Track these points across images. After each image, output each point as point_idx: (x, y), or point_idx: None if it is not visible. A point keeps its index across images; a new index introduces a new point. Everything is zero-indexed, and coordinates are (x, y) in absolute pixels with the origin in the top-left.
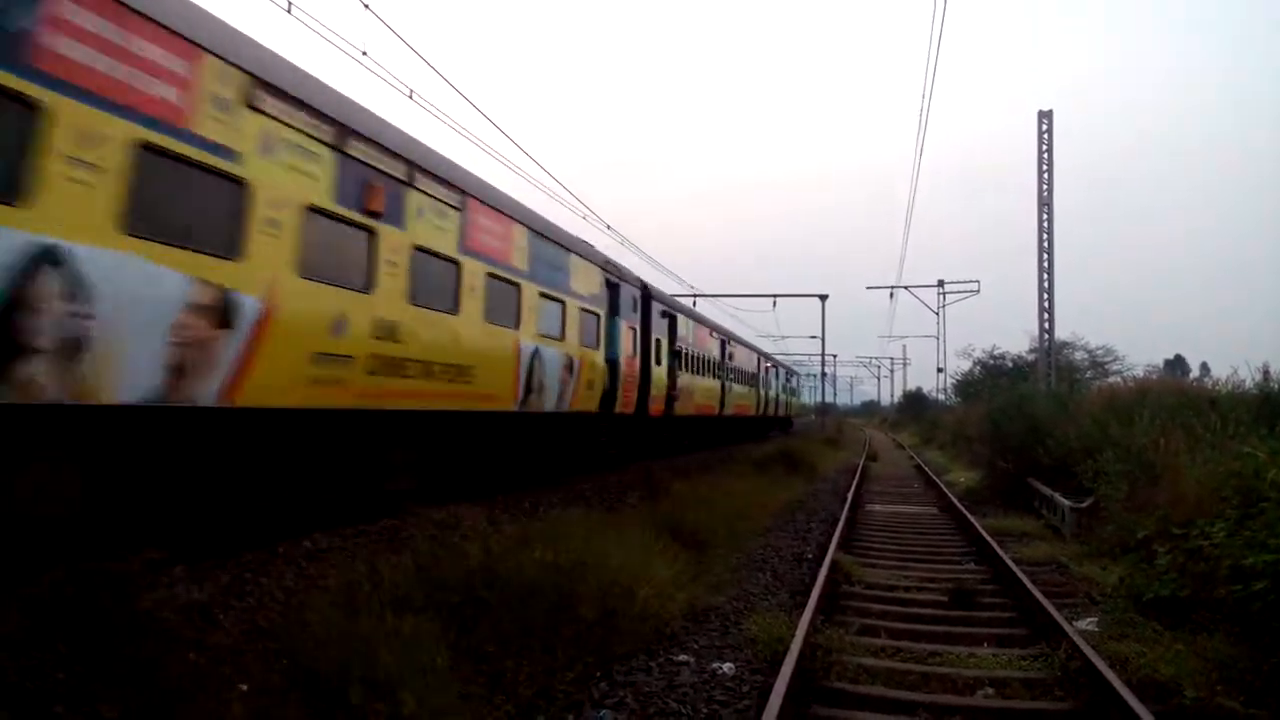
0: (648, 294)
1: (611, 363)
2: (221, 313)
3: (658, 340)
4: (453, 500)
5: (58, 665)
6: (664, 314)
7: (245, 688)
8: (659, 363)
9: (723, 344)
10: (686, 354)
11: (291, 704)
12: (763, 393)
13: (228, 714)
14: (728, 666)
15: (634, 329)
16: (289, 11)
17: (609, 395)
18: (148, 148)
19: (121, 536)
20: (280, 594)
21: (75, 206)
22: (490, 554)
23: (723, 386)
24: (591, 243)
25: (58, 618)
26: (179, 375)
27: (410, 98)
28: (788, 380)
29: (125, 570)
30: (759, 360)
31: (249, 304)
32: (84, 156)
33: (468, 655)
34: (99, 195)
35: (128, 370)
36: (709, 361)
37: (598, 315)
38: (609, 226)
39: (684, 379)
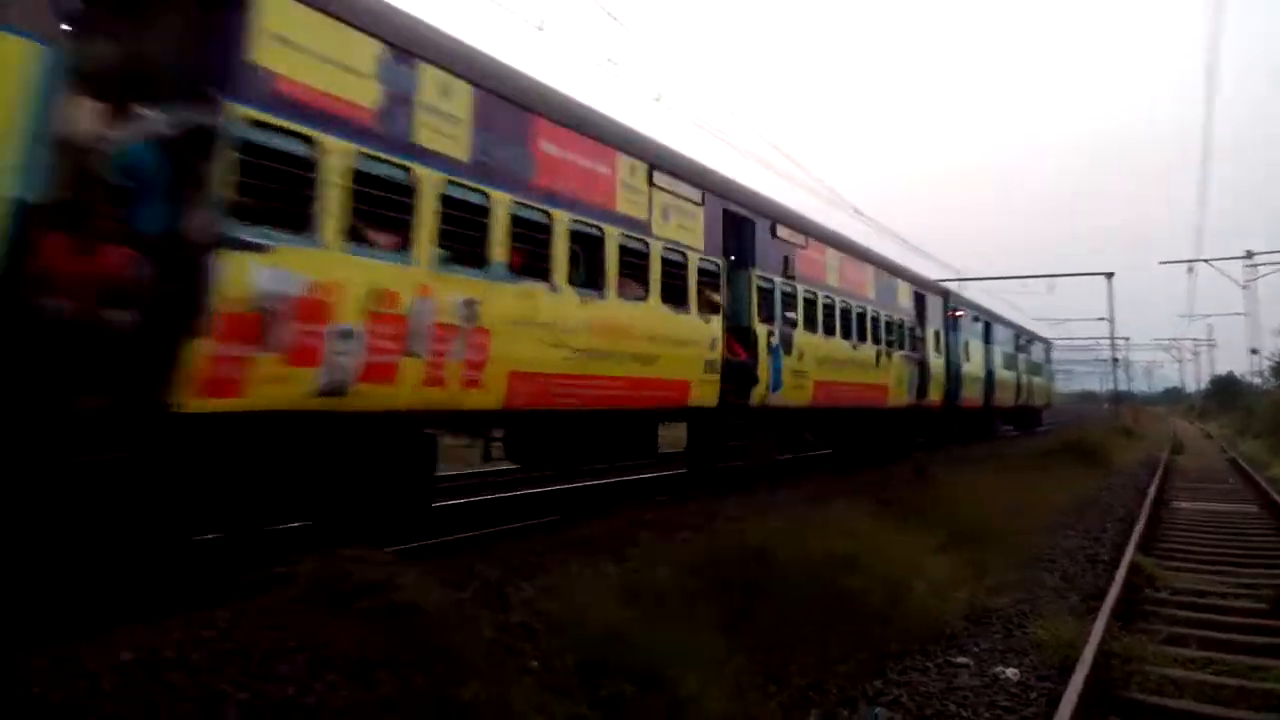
0: None
1: None
2: None
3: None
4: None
5: (381, 636)
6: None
7: (535, 664)
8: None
9: (746, 225)
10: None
11: (573, 683)
12: (938, 361)
13: (517, 686)
14: (1011, 671)
15: None
16: (540, 29)
17: None
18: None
19: None
20: (564, 577)
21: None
22: (763, 544)
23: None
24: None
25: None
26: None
27: (657, 101)
28: (1021, 349)
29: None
30: (917, 299)
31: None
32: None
33: (741, 643)
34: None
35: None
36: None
37: None
38: (856, 210)
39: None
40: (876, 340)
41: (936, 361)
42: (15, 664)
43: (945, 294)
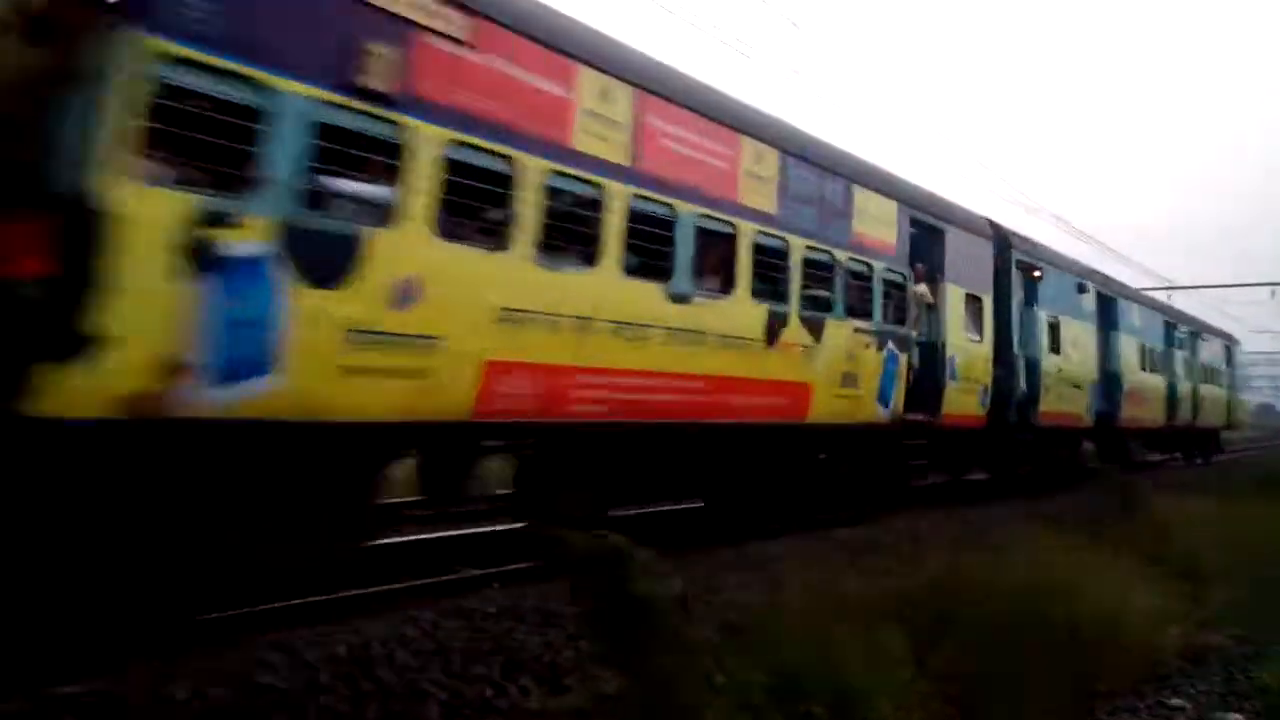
0: None
1: None
2: None
3: None
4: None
5: (566, 642)
6: None
7: (723, 679)
8: None
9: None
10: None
11: (761, 701)
12: (977, 349)
13: (710, 701)
14: (1234, 717)
15: None
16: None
17: None
18: None
19: None
20: (749, 594)
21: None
22: (957, 570)
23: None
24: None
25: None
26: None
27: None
28: (1177, 345)
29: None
30: (919, 232)
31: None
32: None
33: (928, 672)
34: None
35: None
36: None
37: None
38: (1057, 218)
39: None
40: (774, 295)
41: (973, 348)
42: (242, 652)
43: (1002, 238)
